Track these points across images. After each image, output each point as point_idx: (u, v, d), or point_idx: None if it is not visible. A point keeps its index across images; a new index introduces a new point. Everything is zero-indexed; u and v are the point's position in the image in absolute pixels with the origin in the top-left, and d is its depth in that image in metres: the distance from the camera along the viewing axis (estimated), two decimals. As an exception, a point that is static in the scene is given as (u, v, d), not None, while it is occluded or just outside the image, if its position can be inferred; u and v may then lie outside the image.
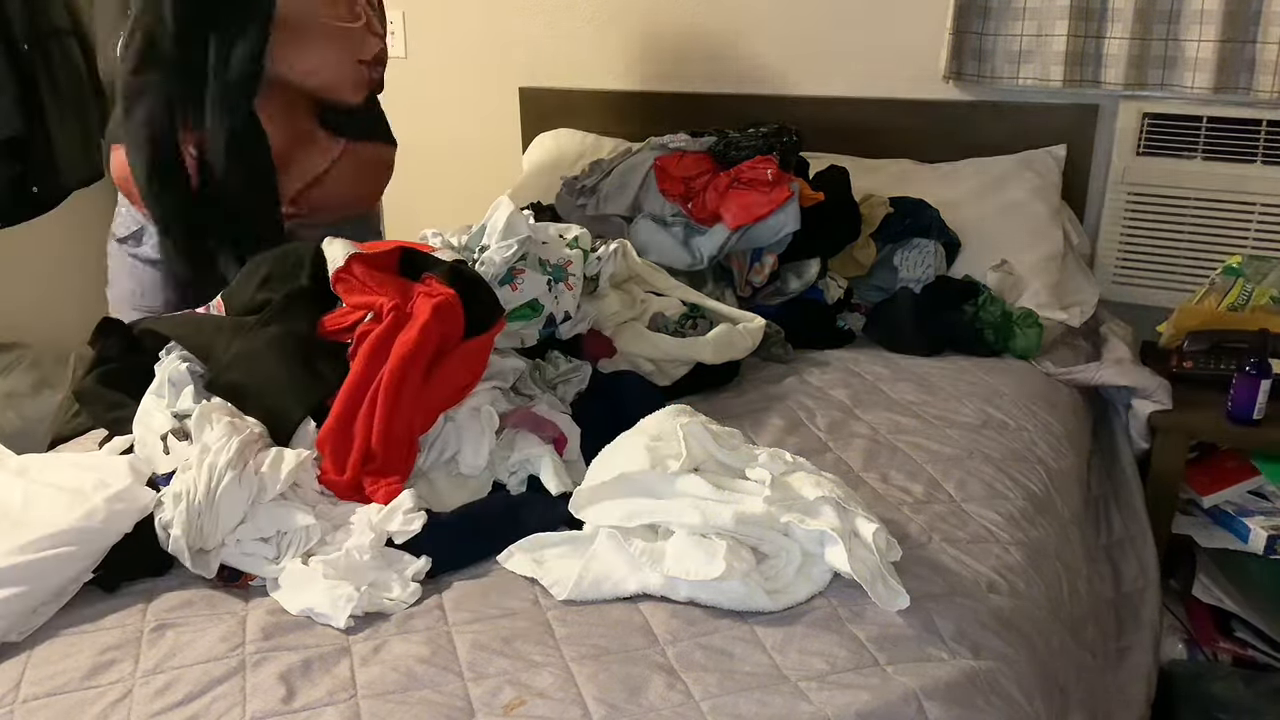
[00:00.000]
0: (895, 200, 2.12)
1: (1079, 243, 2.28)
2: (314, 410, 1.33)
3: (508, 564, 1.20)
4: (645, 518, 1.17)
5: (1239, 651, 1.84)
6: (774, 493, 1.16)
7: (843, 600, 1.12)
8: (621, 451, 1.25)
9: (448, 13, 2.85)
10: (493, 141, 2.89)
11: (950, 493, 1.39)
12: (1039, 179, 2.23)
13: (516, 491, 1.35)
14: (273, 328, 1.41)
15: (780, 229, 1.93)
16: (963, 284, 2.02)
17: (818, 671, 1.01)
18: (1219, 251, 2.20)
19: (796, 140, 2.08)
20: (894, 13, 2.39)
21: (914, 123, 2.40)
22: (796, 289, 2.00)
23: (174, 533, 1.16)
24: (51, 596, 1.13)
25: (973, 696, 0.99)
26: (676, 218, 1.98)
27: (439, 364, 1.36)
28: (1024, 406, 1.69)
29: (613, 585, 1.13)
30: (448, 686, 1.00)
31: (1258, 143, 2.12)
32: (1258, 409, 1.81)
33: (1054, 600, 1.26)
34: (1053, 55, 2.18)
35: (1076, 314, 2.11)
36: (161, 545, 1.18)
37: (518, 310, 1.55)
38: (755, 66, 2.56)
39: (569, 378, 1.57)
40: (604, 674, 1.01)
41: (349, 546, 1.17)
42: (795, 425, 1.59)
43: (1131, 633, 1.63)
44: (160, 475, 1.31)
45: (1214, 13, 2.03)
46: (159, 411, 1.38)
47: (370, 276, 1.44)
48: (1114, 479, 1.91)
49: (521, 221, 1.59)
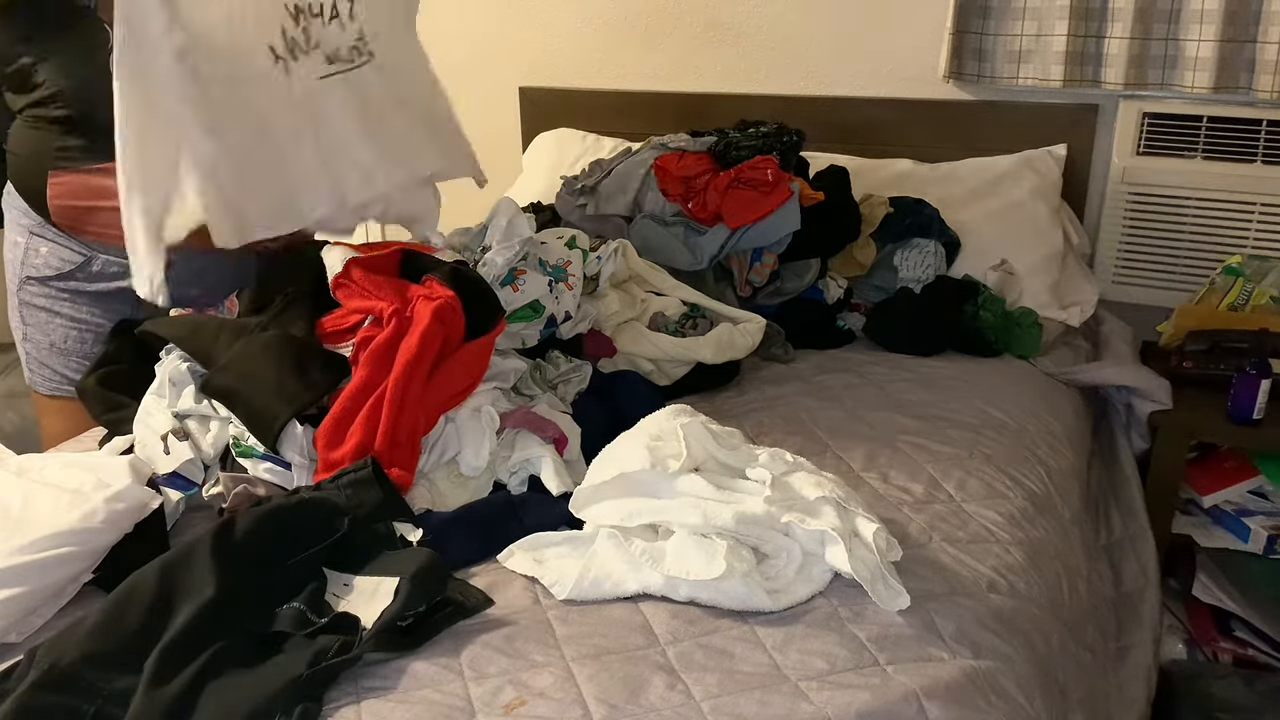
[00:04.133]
0: (895, 200, 2.12)
1: (1079, 243, 2.28)
2: (302, 414, 1.33)
3: (508, 563, 1.20)
4: (645, 517, 1.17)
5: (1239, 651, 1.84)
6: (774, 493, 1.16)
7: (843, 600, 1.12)
8: (622, 451, 1.25)
9: (448, 13, 2.85)
10: (493, 141, 2.89)
11: (950, 492, 1.39)
12: (1039, 179, 2.23)
13: (517, 491, 1.35)
14: (269, 331, 1.41)
15: (780, 229, 1.93)
16: (963, 284, 2.02)
17: (818, 671, 1.01)
18: (1219, 251, 2.20)
19: (796, 140, 2.08)
20: (894, 13, 2.39)
21: (914, 123, 2.40)
22: (796, 289, 2.00)
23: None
24: (51, 597, 1.13)
25: (973, 696, 0.99)
26: (676, 218, 1.98)
27: (440, 366, 1.36)
28: (1024, 406, 1.69)
29: (613, 585, 1.13)
30: (448, 686, 1.00)
31: (1258, 143, 2.12)
32: (1258, 409, 1.81)
33: (1054, 600, 1.27)
34: (1053, 55, 2.18)
35: (1076, 314, 2.11)
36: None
37: (519, 311, 1.55)
38: (755, 66, 2.56)
39: (569, 378, 1.57)
40: (604, 674, 1.01)
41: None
42: (795, 425, 1.59)
43: (1131, 633, 1.63)
44: (160, 475, 1.32)
45: (1214, 12, 2.03)
46: (159, 411, 1.39)
47: (369, 280, 1.44)
48: (1114, 479, 1.91)
49: (524, 222, 1.59)
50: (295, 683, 0.97)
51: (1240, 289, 2.05)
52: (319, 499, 1.21)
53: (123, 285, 1.67)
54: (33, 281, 1.68)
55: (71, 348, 1.69)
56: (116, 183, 1.59)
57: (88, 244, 1.65)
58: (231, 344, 1.41)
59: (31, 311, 1.70)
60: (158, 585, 1.06)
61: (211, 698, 0.97)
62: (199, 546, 1.09)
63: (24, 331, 1.73)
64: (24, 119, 1.61)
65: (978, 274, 2.08)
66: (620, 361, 1.69)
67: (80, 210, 1.62)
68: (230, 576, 1.07)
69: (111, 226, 1.63)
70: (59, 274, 1.67)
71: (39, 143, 1.60)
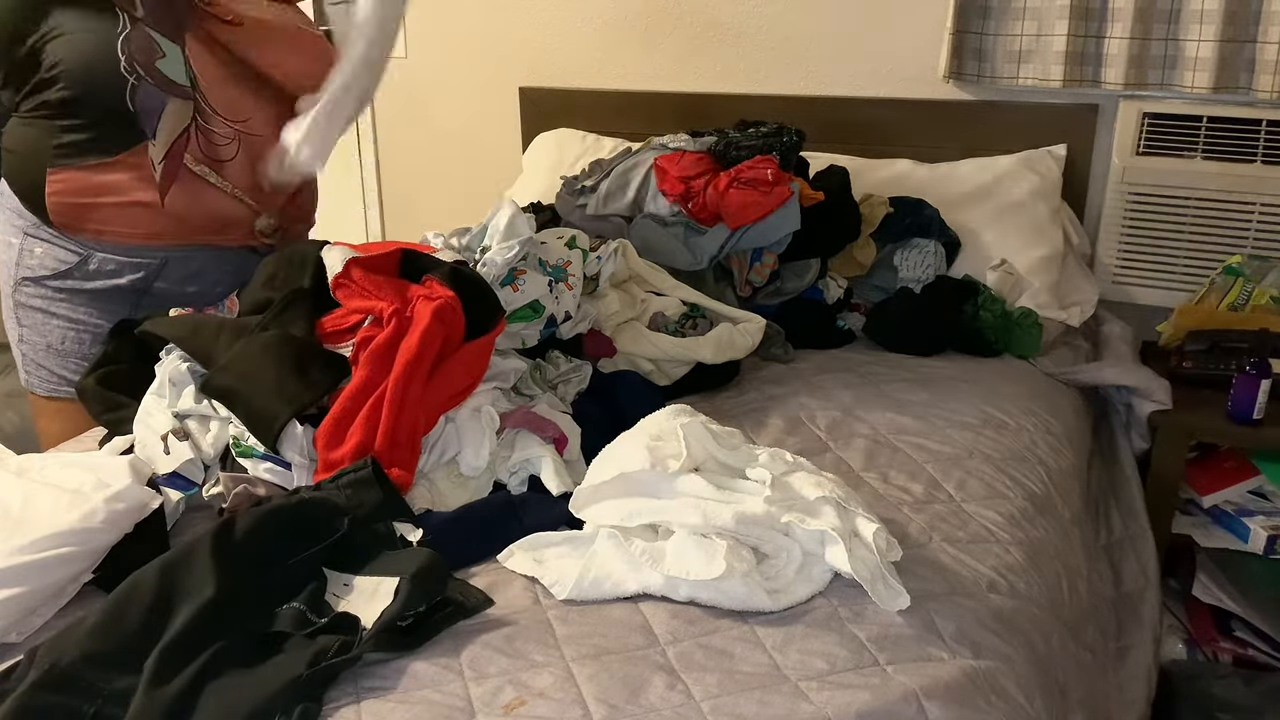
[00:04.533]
0: (895, 200, 2.12)
1: (1079, 243, 2.28)
2: (302, 414, 1.33)
3: (508, 563, 1.20)
4: (645, 517, 1.17)
5: (1239, 651, 1.84)
6: (774, 493, 1.16)
7: (843, 600, 1.12)
8: (622, 451, 1.25)
9: (448, 13, 2.85)
10: (493, 141, 2.89)
11: (950, 492, 1.39)
12: (1039, 179, 2.23)
13: (517, 491, 1.35)
14: (269, 331, 1.41)
15: (780, 229, 1.93)
16: (963, 284, 2.02)
17: (818, 671, 1.01)
18: (1219, 251, 2.20)
19: (796, 140, 2.08)
20: (894, 13, 2.39)
21: (914, 123, 2.40)
22: (796, 289, 2.00)
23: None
24: (51, 597, 1.13)
25: (973, 696, 0.99)
26: (676, 218, 1.98)
27: (441, 366, 1.36)
28: (1024, 406, 1.69)
29: (613, 585, 1.13)
30: (448, 686, 1.00)
31: (1258, 143, 2.12)
32: (1258, 409, 1.82)
33: (1054, 600, 1.27)
34: (1053, 55, 2.18)
35: (1076, 314, 2.11)
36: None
37: (519, 311, 1.55)
38: (755, 66, 2.56)
39: (569, 378, 1.57)
40: (604, 674, 1.01)
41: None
42: (795, 425, 1.59)
43: (1131, 633, 1.64)
44: (160, 475, 1.32)
45: (1214, 12, 2.03)
46: (159, 411, 1.39)
47: (369, 280, 1.44)
48: (1114, 479, 1.91)
49: (524, 222, 1.59)
50: (295, 683, 0.97)
51: (1240, 289, 2.05)
52: (319, 499, 1.21)
53: (119, 284, 1.68)
54: (28, 283, 1.68)
55: (69, 349, 1.69)
56: (117, 178, 1.61)
57: (84, 242, 1.64)
58: (231, 344, 1.41)
59: (27, 313, 1.70)
60: (158, 585, 1.06)
61: (211, 698, 0.96)
62: (199, 546, 1.09)
63: (20, 333, 1.72)
64: (20, 116, 1.61)
65: (978, 274, 2.08)
66: (620, 361, 1.69)
67: (80, 207, 1.62)
68: (230, 576, 1.07)
69: (111, 223, 1.63)
70: (55, 274, 1.66)
71: (36, 140, 1.60)
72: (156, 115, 1.59)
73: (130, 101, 1.56)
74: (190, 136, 1.63)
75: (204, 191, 1.66)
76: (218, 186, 1.67)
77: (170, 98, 1.59)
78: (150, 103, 1.58)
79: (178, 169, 1.63)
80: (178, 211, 1.65)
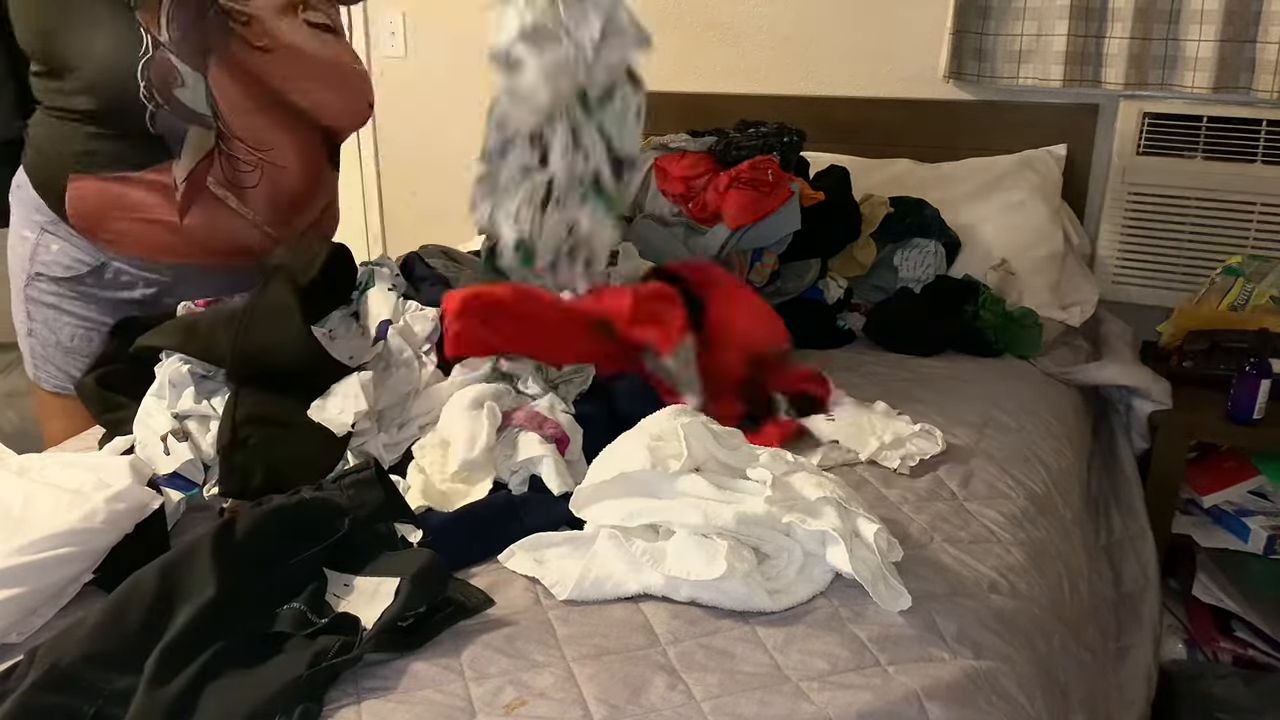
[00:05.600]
0: (895, 200, 2.12)
1: (1079, 243, 2.28)
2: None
3: (509, 563, 1.20)
4: (646, 517, 1.17)
5: (1239, 651, 1.84)
6: (775, 493, 1.16)
7: (844, 600, 1.12)
8: (622, 451, 1.25)
9: (448, 13, 2.85)
10: (492, 141, 2.88)
11: (953, 492, 1.39)
12: (1039, 179, 2.23)
13: (517, 491, 1.35)
14: (271, 286, 1.45)
15: (780, 229, 1.93)
16: (963, 284, 2.02)
17: (819, 671, 1.01)
18: (1219, 251, 2.20)
19: (796, 140, 2.08)
20: (894, 13, 2.39)
21: (914, 123, 2.40)
22: (796, 289, 2.00)
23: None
24: (51, 597, 1.12)
25: (974, 697, 0.99)
26: (677, 218, 1.98)
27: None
28: (1024, 406, 1.69)
29: (614, 585, 1.13)
30: (449, 686, 1.00)
31: (1258, 143, 2.12)
32: (1258, 409, 1.82)
33: (1055, 600, 1.27)
34: (1053, 55, 2.18)
35: (1076, 314, 2.11)
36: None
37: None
38: (755, 66, 2.56)
39: (571, 378, 1.56)
40: (605, 674, 1.01)
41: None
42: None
43: (1131, 633, 1.64)
44: (161, 476, 1.32)
45: (1214, 12, 2.03)
46: (159, 412, 1.39)
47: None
48: (1114, 479, 1.91)
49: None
50: (295, 683, 0.97)
51: (1240, 289, 2.05)
52: (320, 499, 1.21)
53: (133, 296, 1.67)
54: (42, 278, 1.66)
55: (78, 346, 1.68)
56: (139, 193, 1.58)
57: (101, 249, 1.63)
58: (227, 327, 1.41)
59: (39, 308, 1.68)
60: (158, 585, 1.06)
61: (212, 698, 0.96)
62: (199, 547, 1.09)
63: (29, 327, 1.70)
64: (47, 110, 1.59)
65: (978, 274, 2.08)
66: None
67: (99, 216, 1.60)
68: (231, 577, 1.07)
69: (129, 235, 1.62)
70: (70, 276, 1.65)
71: (62, 141, 1.58)
72: (180, 138, 1.57)
73: (151, 124, 1.55)
74: (214, 159, 1.60)
75: (224, 215, 1.64)
76: (238, 212, 1.65)
77: (190, 125, 1.58)
78: (172, 126, 1.56)
79: (199, 191, 1.61)
80: (196, 232, 1.63)
